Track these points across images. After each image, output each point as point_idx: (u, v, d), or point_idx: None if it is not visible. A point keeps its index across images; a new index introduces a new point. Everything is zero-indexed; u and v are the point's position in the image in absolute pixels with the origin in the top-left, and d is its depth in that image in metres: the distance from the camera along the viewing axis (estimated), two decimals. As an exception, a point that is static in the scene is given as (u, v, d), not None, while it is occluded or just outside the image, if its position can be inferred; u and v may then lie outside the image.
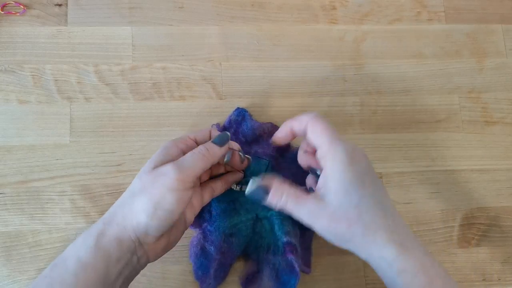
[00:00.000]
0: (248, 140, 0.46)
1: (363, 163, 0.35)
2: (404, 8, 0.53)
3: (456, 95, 0.51)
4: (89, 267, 0.33)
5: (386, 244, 0.33)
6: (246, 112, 0.47)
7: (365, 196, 0.34)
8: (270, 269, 0.42)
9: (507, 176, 0.50)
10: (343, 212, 0.34)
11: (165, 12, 0.50)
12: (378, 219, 0.34)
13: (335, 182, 0.34)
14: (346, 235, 0.34)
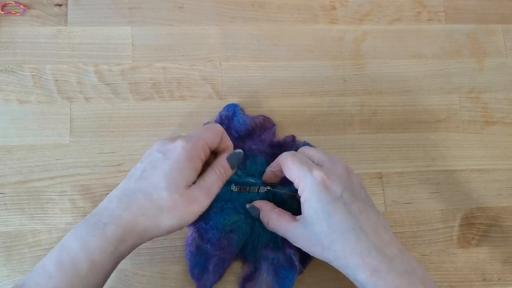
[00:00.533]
0: (241, 135, 0.46)
1: (338, 191, 0.37)
2: (404, 8, 0.53)
3: (456, 95, 0.51)
4: (100, 270, 0.34)
5: (358, 269, 0.35)
6: (236, 107, 0.47)
7: (334, 225, 0.36)
8: (269, 265, 0.42)
9: (507, 176, 0.50)
10: (316, 239, 0.36)
11: (165, 12, 0.50)
12: (349, 245, 0.35)
13: (308, 210, 0.37)
14: (322, 258, 0.37)
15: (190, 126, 0.47)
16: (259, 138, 0.46)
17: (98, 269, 0.34)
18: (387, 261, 0.35)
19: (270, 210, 0.41)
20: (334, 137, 0.49)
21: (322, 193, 0.36)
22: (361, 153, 0.49)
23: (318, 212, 0.36)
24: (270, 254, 0.42)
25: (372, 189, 0.48)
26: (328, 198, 0.36)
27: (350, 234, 0.35)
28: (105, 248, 0.34)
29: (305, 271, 0.44)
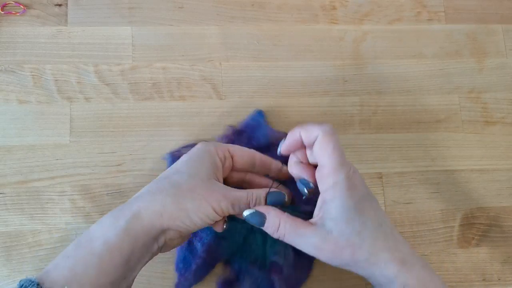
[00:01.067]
0: (260, 146, 0.45)
1: (362, 188, 0.36)
2: (404, 8, 0.53)
3: (456, 95, 0.51)
4: (116, 250, 0.33)
5: (388, 264, 0.34)
6: (261, 117, 0.47)
7: (366, 222, 0.35)
8: (251, 283, 0.42)
9: (507, 176, 0.50)
10: (346, 239, 0.34)
11: (165, 12, 0.50)
12: (379, 242, 0.35)
13: (337, 209, 0.34)
14: (349, 261, 0.35)
15: (190, 126, 0.47)
16: (276, 152, 0.44)
17: (112, 248, 0.33)
18: (411, 254, 0.35)
19: (281, 214, 0.36)
20: (334, 137, 0.49)
21: (355, 189, 0.34)
22: (361, 153, 0.49)
23: (351, 210, 0.34)
24: (256, 272, 0.42)
25: (372, 189, 0.48)
26: (358, 195, 0.35)
27: (380, 231, 0.35)
28: (118, 224, 0.33)
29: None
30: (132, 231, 0.33)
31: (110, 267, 0.33)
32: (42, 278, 0.31)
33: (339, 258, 0.35)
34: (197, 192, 0.35)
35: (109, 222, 0.34)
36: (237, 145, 0.41)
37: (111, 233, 0.33)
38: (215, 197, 0.36)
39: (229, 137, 0.46)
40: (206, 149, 0.38)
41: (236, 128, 0.47)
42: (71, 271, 0.32)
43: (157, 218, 0.34)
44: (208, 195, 0.36)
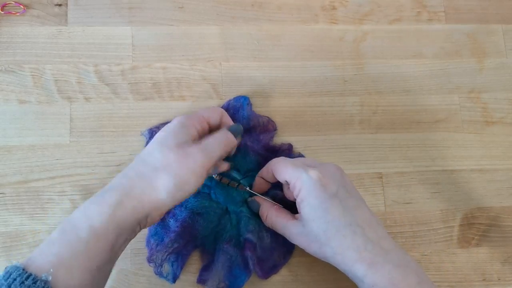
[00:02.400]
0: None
1: (334, 187, 0.38)
2: (404, 8, 0.53)
3: (456, 95, 0.51)
4: (102, 236, 0.33)
5: (355, 263, 0.36)
6: (246, 100, 0.47)
7: (331, 221, 0.36)
8: (225, 259, 0.43)
9: (507, 176, 0.50)
10: (314, 236, 0.37)
11: (165, 12, 0.50)
12: (346, 241, 0.36)
13: (304, 210, 0.37)
14: (319, 255, 0.38)
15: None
16: (256, 137, 0.46)
17: (99, 234, 0.33)
18: (383, 254, 0.36)
19: (271, 206, 0.42)
20: (334, 137, 0.49)
21: (318, 190, 0.37)
22: (361, 153, 0.49)
23: (316, 209, 0.37)
24: (230, 250, 0.43)
25: (372, 189, 0.48)
26: (325, 195, 0.37)
27: (347, 230, 0.36)
28: (103, 211, 0.34)
29: (303, 271, 0.44)
30: (117, 218, 0.34)
31: (97, 253, 0.33)
32: (27, 264, 0.31)
33: (311, 251, 0.38)
34: (172, 165, 0.35)
35: (94, 209, 0.34)
36: (204, 108, 0.42)
37: (96, 221, 0.33)
38: (191, 160, 0.36)
39: None
40: (180, 123, 0.38)
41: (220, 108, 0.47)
42: (57, 257, 0.32)
43: (139, 203, 0.35)
44: (183, 161, 0.36)
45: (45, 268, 0.31)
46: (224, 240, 0.43)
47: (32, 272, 0.31)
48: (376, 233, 0.37)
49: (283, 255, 0.44)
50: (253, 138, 0.46)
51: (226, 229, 0.44)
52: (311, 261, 0.45)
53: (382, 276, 0.35)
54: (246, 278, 0.42)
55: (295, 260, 0.45)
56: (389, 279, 0.35)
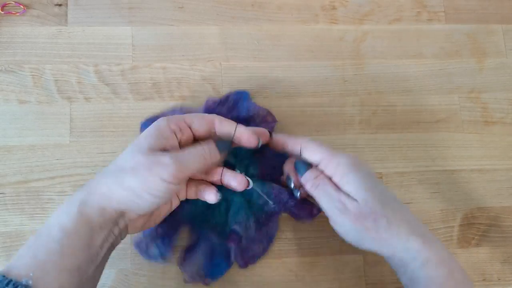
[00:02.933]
0: (240, 119, 0.45)
1: (366, 166, 0.38)
2: (404, 8, 0.53)
3: (456, 95, 0.51)
4: (73, 234, 0.33)
5: (410, 236, 0.35)
6: (246, 94, 0.47)
7: (384, 191, 0.37)
8: (207, 247, 0.42)
9: (507, 176, 0.50)
10: (368, 207, 0.36)
11: (165, 12, 0.50)
12: (399, 213, 0.36)
13: (352, 184, 0.37)
14: (371, 230, 0.36)
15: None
16: (254, 125, 0.45)
17: (69, 233, 0.33)
18: (429, 232, 0.36)
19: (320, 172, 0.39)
20: (334, 137, 0.49)
21: (358, 166, 0.37)
22: (361, 153, 0.49)
23: (367, 182, 0.36)
24: (213, 238, 0.42)
25: (372, 189, 0.48)
26: (367, 170, 0.37)
27: (396, 203, 0.37)
28: (70, 210, 0.34)
29: (303, 271, 0.44)
30: (85, 215, 0.34)
31: (71, 252, 0.33)
32: (7, 270, 0.31)
33: (361, 226, 0.36)
34: (139, 169, 0.34)
35: (63, 209, 0.34)
36: (195, 113, 0.39)
37: (65, 219, 0.33)
38: (161, 168, 0.34)
39: (210, 107, 0.46)
40: (155, 125, 0.37)
41: (218, 99, 0.47)
42: (33, 259, 0.32)
43: (106, 200, 0.34)
44: (152, 166, 0.34)
45: (24, 273, 0.31)
46: (209, 226, 0.43)
47: (13, 278, 0.31)
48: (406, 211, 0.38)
49: (263, 247, 0.44)
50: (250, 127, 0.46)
51: (213, 215, 0.43)
52: (311, 261, 0.45)
53: (434, 253, 0.35)
54: (226, 269, 0.42)
55: (295, 260, 0.45)
56: (441, 256, 0.35)
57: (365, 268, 0.46)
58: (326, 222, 0.40)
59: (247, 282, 0.44)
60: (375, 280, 0.45)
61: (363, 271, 0.46)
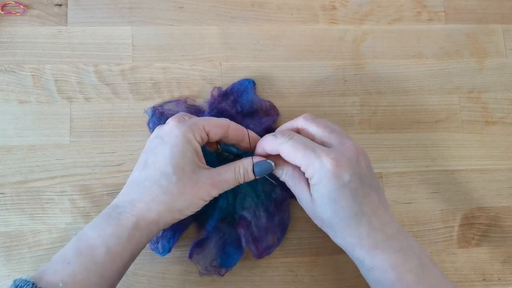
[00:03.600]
0: (243, 111, 0.46)
1: (344, 175, 0.36)
2: (404, 8, 0.53)
3: (456, 95, 0.51)
4: (118, 258, 0.34)
5: (355, 247, 0.37)
6: (250, 83, 0.47)
7: (338, 210, 0.36)
8: (219, 238, 0.43)
9: (507, 176, 0.50)
10: (320, 215, 0.38)
11: (165, 12, 0.50)
12: (349, 229, 0.37)
13: (314, 195, 0.37)
14: (323, 230, 0.39)
15: (190, 126, 0.47)
16: (259, 120, 0.46)
17: (115, 256, 0.34)
18: (385, 239, 0.36)
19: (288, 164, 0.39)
20: (334, 137, 0.49)
21: (330, 180, 0.35)
22: (361, 153, 0.49)
23: (324, 198, 0.36)
24: (224, 228, 0.43)
25: (372, 189, 0.48)
26: (336, 185, 0.36)
27: (352, 220, 0.36)
28: (120, 235, 0.34)
29: (303, 271, 0.44)
30: (133, 240, 0.35)
31: (111, 273, 0.34)
32: (37, 278, 0.32)
33: (315, 222, 0.39)
34: (187, 192, 0.36)
35: (111, 231, 0.35)
36: (209, 117, 0.41)
37: (114, 243, 0.34)
38: (204, 190, 0.37)
39: (215, 98, 0.46)
40: (185, 139, 0.37)
41: (223, 90, 0.47)
42: (72, 277, 0.32)
43: (154, 225, 0.36)
44: (198, 190, 0.37)
45: (54, 284, 0.32)
46: (218, 217, 0.43)
47: (42, 287, 0.31)
48: (381, 220, 0.37)
49: (277, 237, 0.44)
50: (255, 121, 0.46)
51: (222, 207, 0.43)
52: (311, 261, 0.45)
53: (381, 260, 0.36)
54: (238, 257, 0.42)
55: (295, 260, 0.45)
56: (388, 262, 0.35)
57: (365, 268, 0.46)
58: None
59: (247, 282, 0.44)
60: (375, 280, 0.45)
61: (363, 271, 0.46)
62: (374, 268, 0.36)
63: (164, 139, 0.37)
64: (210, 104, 0.46)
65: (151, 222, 0.36)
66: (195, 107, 0.47)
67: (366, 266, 0.36)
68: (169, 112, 0.46)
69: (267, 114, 0.47)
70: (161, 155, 0.37)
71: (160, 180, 0.36)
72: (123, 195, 0.38)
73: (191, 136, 0.37)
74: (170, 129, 0.37)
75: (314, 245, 0.46)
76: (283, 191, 0.44)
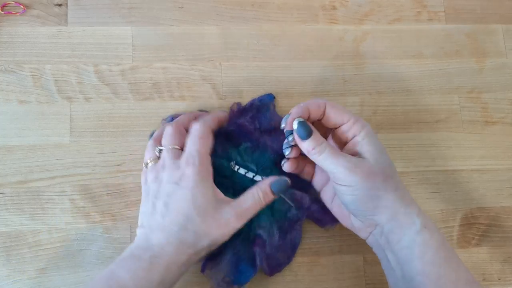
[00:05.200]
0: (261, 128, 0.46)
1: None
2: (404, 8, 0.53)
3: (456, 95, 0.51)
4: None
5: (412, 202, 0.38)
6: (271, 100, 0.47)
7: (387, 160, 0.38)
8: (232, 255, 0.42)
9: (507, 176, 0.50)
10: (380, 167, 0.37)
11: (165, 12, 0.50)
12: (401, 183, 0.39)
13: (371, 145, 0.38)
14: (380, 190, 0.37)
15: (190, 126, 0.47)
16: (277, 138, 0.45)
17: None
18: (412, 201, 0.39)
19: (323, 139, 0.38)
20: (334, 137, 0.49)
21: (374, 135, 0.39)
22: (361, 153, 0.49)
23: (381, 148, 0.38)
24: (238, 245, 0.42)
25: (372, 189, 0.48)
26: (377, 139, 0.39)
27: (395, 173, 0.39)
28: (153, 279, 0.35)
29: (303, 271, 0.44)
30: (164, 283, 0.36)
31: None
32: None
33: (371, 184, 0.36)
34: (212, 232, 0.38)
35: (142, 274, 0.35)
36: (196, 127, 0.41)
37: (145, 286, 0.35)
38: (229, 226, 0.38)
39: (234, 113, 0.46)
40: (201, 178, 0.38)
41: (242, 106, 0.47)
42: None
43: (184, 267, 0.38)
44: (223, 228, 0.38)
45: None
46: (234, 234, 0.42)
47: None
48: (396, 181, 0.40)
49: (288, 256, 0.44)
50: (273, 138, 0.45)
51: None
52: (312, 261, 0.45)
53: (429, 220, 0.38)
54: (252, 275, 0.42)
55: (295, 260, 0.45)
56: (433, 224, 0.38)
57: (365, 268, 0.46)
58: (326, 222, 0.39)
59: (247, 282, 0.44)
60: (375, 280, 0.45)
61: (363, 271, 0.46)
62: (426, 227, 0.37)
63: (181, 184, 0.38)
64: (230, 119, 0.46)
65: (181, 264, 0.37)
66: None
67: (418, 225, 0.36)
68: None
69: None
70: (182, 200, 0.38)
71: (187, 224, 0.37)
72: (147, 239, 0.38)
73: (206, 173, 0.39)
74: (184, 173, 0.38)
75: (314, 245, 0.46)
76: (298, 210, 0.44)
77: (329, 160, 0.37)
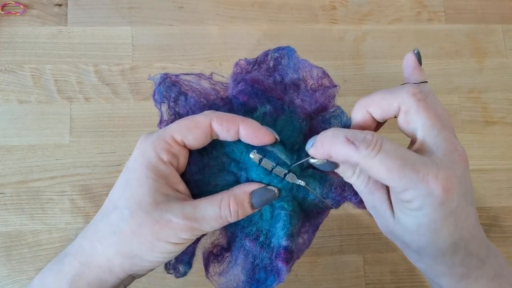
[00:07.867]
0: (285, 81, 0.33)
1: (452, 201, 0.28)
2: (404, 8, 0.53)
3: (456, 95, 0.51)
4: None
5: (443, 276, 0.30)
6: (291, 50, 0.33)
7: (434, 241, 0.29)
8: (247, 260, 0.31)
9: (507, 176, 0.50)
10: (405, 240, 0.29)
11: (165, 12, 0.50)
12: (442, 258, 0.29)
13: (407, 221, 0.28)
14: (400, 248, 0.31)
15: (190, 126, 0.47)
16: (309, 95, 0.32)
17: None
18: (479, 266, 0.29)
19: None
20: (334, 137, 0.49)
21: (436, 209, 0.27)
22: (361, 153, 0.49)
23: (422, 227, 0.28)
24: (254, 249, 0.31)
25: (372, 189, 0.48)
26: (442, 214, 0.27)
27: (449, 249, 0.28)
28: (59, 285, 0.28)
29: (303, 271, 0.44)
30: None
31: None
32: None
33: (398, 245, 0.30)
34: (143, 233, 0.27)
35: (51, 280, 0.28)
36: (185, 121, 0.29)
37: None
38: (169, 229, 0.27)
39: (242, 71, 0.33)
40: (143, 161, 0.28)
41: (253, 59, 0.34)
42: None
43: (107, 273, 0.28)
44: (159, 229, 0.27)
45: None
46: (247, 234, 0.31)
47: None
48: (476, 242, 0.29)
49: (308, 238, 0.35)
50: (303, 96, 0.32)
51: (252, 220, 0.31)
52: (312, 261, 0.45)
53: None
54: (274, 283, 0.31)
55: (295, 260, 0.45)
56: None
57: (365, 268, 0.46)
58: (326, 222, 0.39)
59: (247, 282, 0.44)
60: (375, 280, 0.45)
61: (363, 271, 0.46)
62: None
63: (126, 164, 0.28)
64: (234, 77, 0.33)
65: (99, 267, 0.27)
66: (224, 85, 0.33)
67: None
68: (187, 84, 0.33)
69: (320, 86, 0.33)
70: (117, 184, 0.28)
71: (111, 213, 0.27)
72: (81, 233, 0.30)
73: (153, 156, 0.28)
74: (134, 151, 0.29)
75: (314, 245, 0.46)
76: (336, 204, 0.33)
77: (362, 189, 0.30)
